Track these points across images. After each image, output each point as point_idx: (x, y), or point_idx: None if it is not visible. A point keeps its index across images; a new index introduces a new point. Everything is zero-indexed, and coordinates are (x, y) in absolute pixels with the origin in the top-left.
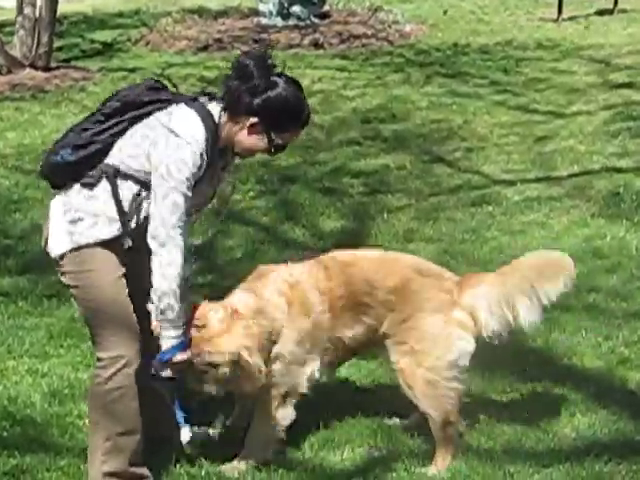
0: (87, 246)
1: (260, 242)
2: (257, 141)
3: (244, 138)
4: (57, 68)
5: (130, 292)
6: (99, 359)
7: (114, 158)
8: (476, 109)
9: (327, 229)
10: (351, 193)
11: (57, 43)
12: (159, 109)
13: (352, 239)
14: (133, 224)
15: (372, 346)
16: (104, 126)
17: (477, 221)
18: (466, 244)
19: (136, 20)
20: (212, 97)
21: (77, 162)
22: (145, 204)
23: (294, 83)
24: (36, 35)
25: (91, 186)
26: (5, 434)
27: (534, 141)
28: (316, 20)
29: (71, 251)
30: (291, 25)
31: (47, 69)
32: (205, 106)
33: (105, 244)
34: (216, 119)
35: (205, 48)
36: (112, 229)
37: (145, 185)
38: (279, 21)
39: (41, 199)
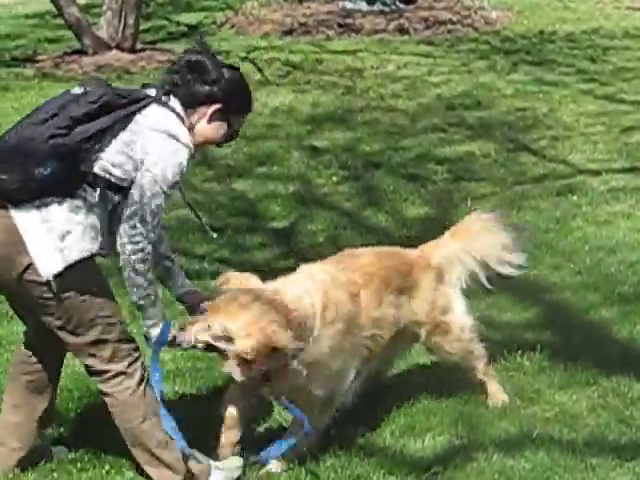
0: (79, 261)
1: (342, 227)
2: (218, 128)
3: (205, 128)
4: (143, 50)
5: None
6: (119, 374)
7: (96, 166)
8: (562, 98)
9: (410, 216)
10: (435, 180)
11: (143, 25)
12: (136, 111)
13: (435, 226)
14: (107, 233)
15: (400, 342)
16: (85, 133)
17: (562, 210)
18: (550, 233)
19: (222, 3)
20: (166, 92)
21: (64, 172)
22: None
23: (235, 68)
24: (123, 17)
25: (73, 197)
26: (84, 409)
27: (620, 131)
28: (401, 5)
29: (65, 269)
30: (376, 10)
31: (133, 51)
32: (172, 106)
33: (92, 256)
34: (182, 116)
35: (290, 32)
36: (99, 241)
37: (125, 193)
38: (364, 6)
39: None
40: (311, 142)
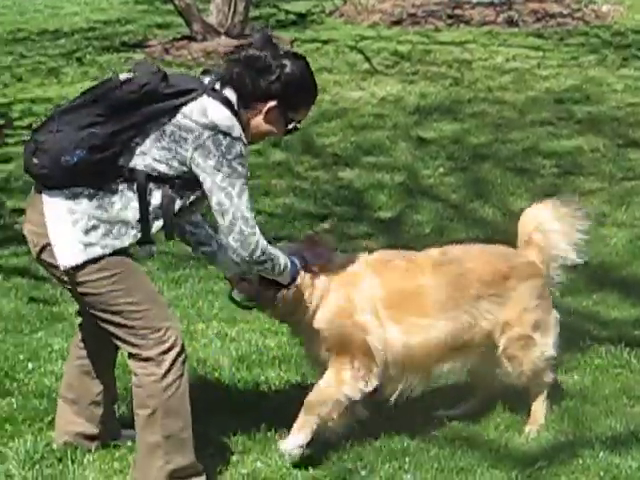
0: (103, 256)
1: (449, 219)
2: (274, 124)
3: (260, 123)
4: (251, 37)
5: None
6: (147, 359)
7: (136, 161)
8: None
9: (517, 209)
10: (542, 174)
11: (252, 13)
12: (183, 104)
13: None
14: (154, 229)
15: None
16: (122, 124)
17: None
18: None
19: None
20: (223, 81)
21: (94, 164)
22: (176, 205)
23: (301, 59)
24: (232, 4)
25: (107, 192)
26: (194, 395)
27: None
28: None
29: (86, 263)
30: (486, 2)
31: (242, 37)
32: (225, 96)
33: (121, 251)
34: (235, 107)
35: (399, 22)
36: (128, 237)
37: (173, 186)
38: None
39: None
40: (418, 133)
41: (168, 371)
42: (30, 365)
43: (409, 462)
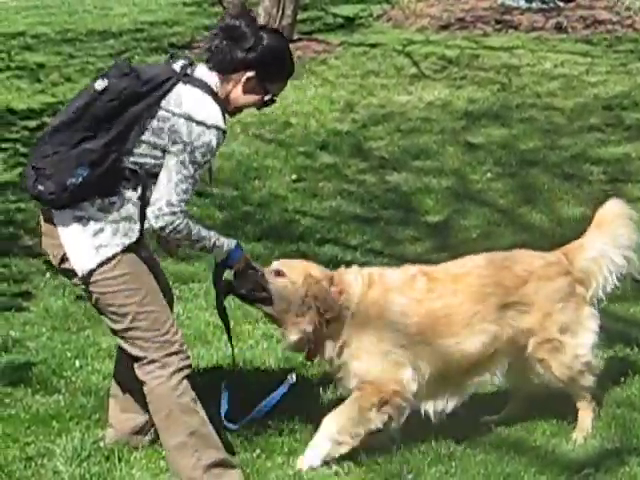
0: (114, 255)
1: (496, 224)
2: (252, 95)
3: (239, 95)
4: (299, 40)
5: None
6: (152, 361)
7: (129, 160)
8: None
9: (565, 215)
10: (591, 180)
11: (300, 15)
12: (161, 97)
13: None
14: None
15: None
16: (112, 133)
17: None
18: None
19: None
20: (190, 64)
21: (98, 177)
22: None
23: (278, 33)
24: (281, 6)
25: (108, 195)
26: (240, 395)
27: None
28: (561, 3)
29: (100, 265)
30: (535, 7)
31: (290, 40)
32: (203, 80)
33: (129, 247)
34: (214, 88)
35: (447, 27)
36: (134, 232)
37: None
38: (523, 3)
39: (280, 169)
40: (466, 137)
41: (173, 374)
42: (77, 363)
43: (455, 467)
